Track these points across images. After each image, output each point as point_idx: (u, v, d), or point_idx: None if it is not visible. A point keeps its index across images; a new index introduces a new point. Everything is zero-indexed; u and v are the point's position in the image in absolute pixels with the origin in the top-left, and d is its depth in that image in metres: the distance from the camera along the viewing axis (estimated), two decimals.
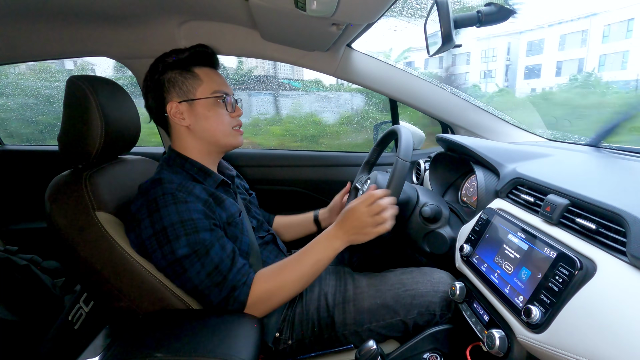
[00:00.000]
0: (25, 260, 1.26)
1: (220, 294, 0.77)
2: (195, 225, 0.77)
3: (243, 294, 0.78)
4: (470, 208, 1.06)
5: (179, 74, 0.88)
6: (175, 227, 0.75)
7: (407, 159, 0.82)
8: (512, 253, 0.67)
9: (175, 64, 0.88)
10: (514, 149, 0.99)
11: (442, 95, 1.32)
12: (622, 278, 0.48)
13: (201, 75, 0.89)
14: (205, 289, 0.77)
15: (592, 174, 0.76)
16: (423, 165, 1.33)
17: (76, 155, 0.82)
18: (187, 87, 0.87)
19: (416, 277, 0.92)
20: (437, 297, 0.86)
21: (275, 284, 0.80)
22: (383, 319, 0.87)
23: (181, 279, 0.77)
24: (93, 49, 1.21)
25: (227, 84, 0.93)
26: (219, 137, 0.91)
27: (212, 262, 0.77)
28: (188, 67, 0.88)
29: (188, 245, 0.75)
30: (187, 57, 0.88)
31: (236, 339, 0.67)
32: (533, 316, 0.55)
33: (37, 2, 0.96)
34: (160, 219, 0.76)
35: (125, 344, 0.67)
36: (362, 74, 1.29)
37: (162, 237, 0.75)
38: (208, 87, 0.89)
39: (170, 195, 0.77)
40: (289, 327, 0.89)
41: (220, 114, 0.90)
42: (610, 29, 3.33)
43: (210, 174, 0.90)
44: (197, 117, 0.88)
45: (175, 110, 0.87)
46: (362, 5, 0.77)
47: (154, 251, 0.77)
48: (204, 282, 0.76)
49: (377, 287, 0.91)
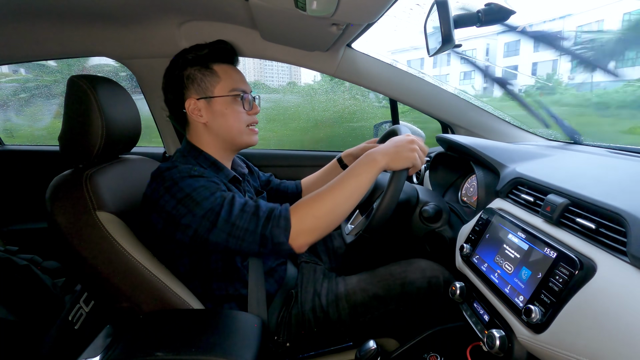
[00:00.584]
0: (25, 260, 1.26)
1: (259, 220, 0.73)
2: (216, 186, 0.78)
3: (284, 210, 0.74)
4: (470, 208, 1.06)
5: (197, 71, 0.88)
6: (199, 191, 0.75)
7: None
8: (512, 253, 0.67)
9: (195, 60, 0.88)
10: (514, 148, 0.99)
11: (442, 95, 1.32)
12: (622, 278, 0.48)
13: (220, 73, 0.89)
14: (244, 222, 0.73)
15: (592, 173, 0.76)
16: (423, 165, 1.33)
17: (77, 155, 0.83)
18: (206, 84, 0.88)
19: (404, 266, 0.93)
20: (425, 282, 0.88)
21: (317, 201, 0.75)
22: (377, 310, 0.88)
23: (217, 225, 0.73)
24: (93, 49, 1.21)
25: (245, 81, 0.94)
26: (235, 135, 0.91)
27: (240, 202, 0.76)
28: (207, 63, 0.89)
29: (214, 198, 0.75)
30: (207, 54, 0.89)
31: (238, 339, 0.67)
32: (533, 316, 0.55)
33: (37, 2, 0.96)
34: (182, 190, 0.75)
35: (125, 343, 0.67)
36: (362, 74, 1.29)
37: (188, 201, 0.74)
38: (226, 84, 0.89)
39: (185, 173, 0.78)
40: (285, 329, 0.89)
41: (238, 112, 0.90)
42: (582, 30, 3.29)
43: (222, 168, 0.91)
44: (215, 114, 0.88)
45: (193, 107, 0.88)
46: (362, 5, 0.77)
47: (184, 215, 0.74)
48: (239, 216, 0.73)
49: (367, 281, 0.92)
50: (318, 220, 0.74)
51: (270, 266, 0.98)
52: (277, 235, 0.72)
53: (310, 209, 0.74)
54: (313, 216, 0.74)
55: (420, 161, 0.80)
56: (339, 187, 0.76)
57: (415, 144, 0.81)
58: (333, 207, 0.75)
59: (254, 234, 0.73)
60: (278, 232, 0.72)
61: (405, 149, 0.79)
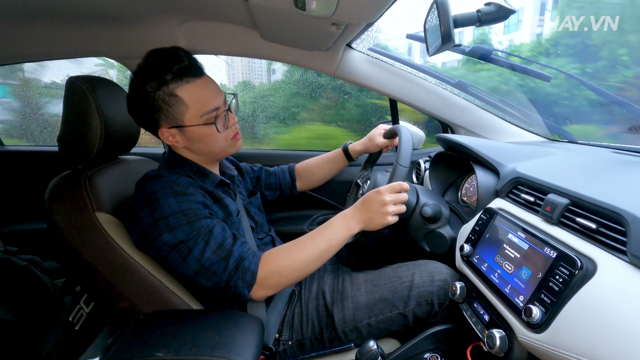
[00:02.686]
0: (25, 260, 1.26)
1: (227, 268, 0.75)
2: (196, 213, 0.76)
3: (253, 264, 0.76)
4: (470, 208, 1.06)
5: (161, 100, 0.78)
6: (176, 216, 0.75)
7: (406, 165, 0.83)
8: (513, 253, 0.67)
9: (156, 85, 0.77)
10: (513, 148, 0.99)
11: (442, 95, 1.32)
12: (623, 278, 0.48)
13: (185, 99, 0.78)
14: (213, 265, 0.75)
15: (592, 173, 0.76)
16: (423, 165, 1.33)
17: (76, 155, 0.82)
18: (173, 113, 0.79)
19: (412, 269, 0.92)
20: (433, 287, 0.87)
21: (286, 260, 0.77)
22: (382, 312, 0.87)
23: (187, 261, 0.75)
24: (93, 49, 1.21)
25: (216, 94, 0.83)
26: (217, 152, 0.88)
27: (216, 240, 0.76)
28: (169, 88, 0.77)
29: (191, 230, 0.75)
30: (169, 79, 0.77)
31: (237, 339, 0.67)
32: (533, 316, 0.55)
33: (37, 2, 0.96)
34: (161, 208, 0.75)
35: (125, 344, 0.67)
36: (362, 73, 1.29)
37: (163, 224, 0.74)
38: (195, 111, 0.79)
39: (169, 188, 0.77)
40: (288, 328, 0.89)
41: (215, 135, 0.83)
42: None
43: (209, 174, 0.89)
44: (192, 140, 0.83)
45: (167, 134, 0.82)
46: (362, 5, 0.76)
47: (156, 237, 0.74)
48: (210, 258, 0.75)
49: (374, 282, 0.91)
50: (283, 279, 0.77)
51: None
52: (240, 287, 0.75)
53: (278, 268, 0.77)
54: (279, 274, 0.77)
55: (395, 216, 0.80)
56: (310, 249, 0.78)
57: (386, 201, 0.79)
58: (301, 267, 0.78)
59: (219, 280, 0.75)
60: (242, 284, 0.75)
61: (377, 214, 0.79)
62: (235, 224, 0.88)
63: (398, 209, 0.80)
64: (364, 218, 0.80)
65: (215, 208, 0.84)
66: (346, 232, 0.80)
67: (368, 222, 0.80)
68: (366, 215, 0.80)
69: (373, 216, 0.79)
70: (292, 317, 0.90)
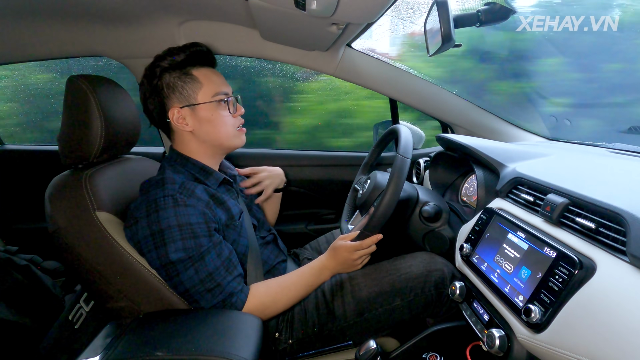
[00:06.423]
0: (25, 260, 1.26)
1: (213, 300, 0.78)
2: (192, 230, 0.77)
3: (240, 302, 0.80)
4: (470, 207, 1.06)
5: (177, 78, 0.85)
6: (172, 231, 0.75)
7: (408, 156, 0.82)
8: (512, 252, 0.67)
9: (172, 67, 0.85)
10: (513, 148, 0.99)
11: (442, 95, 1.32)
12: (622, 278, 0.48)
13: (200, 78, 0.86)
14: (196, 294, 0.77)
15: (592, 173, 0.76)
16: (423, 164, 1.33)
17: (76, 155, 0.82)
18: (188, 91, 0.85)
19: (409, 261, 0.93)
20: (431, 277, 0.88)
21: (271, 300, 0.84)
22: (381, 305, 0.88)
23: (173, 281, 0.78)
24: (93, 49, 1.21)
25: (226, 83, 0.91)
26: (223, 140, 0.90)
27: (207, 269, 0.77)
28: (186, 69, 0.85)
29: (183, 249, 0.75)
30: (184, 59, 0.85)
31: (237, 338, 0.67)
32: (533, 316, 0.55)
33: (37, 2, 0.96)
34: (158, 221, 0.75)
35: (125, 343, 0.67)
36: (362, 73, 1.29)
37: (158, 238, 0.76)
38: (209, 89, 0.86)
39: (170, 198, 0.77)
40: (288, 327, 0.89)
41: (223, 117, 0.88)
42: None
43: (212, 172, 0.90)
44: (201, 122, 0.86)
45: (177, 116, 0.85)
46: (362, 5, 0.76)
47: (148, 251, 0.77)
48: (196, 287, 0.77)
49: (372, 276, 0.92)
50: (263, 314, 0.82)
51: (270, 265, 0.98)
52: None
53: (263, 306, 0.83)
54: (262, 312, 0.82)
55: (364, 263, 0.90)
56: (294, 293, 0.86)
57: (357, 253, 0.86)
58: (281, 308, 0.86)
59: (205, 305, 0.79)
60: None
61: (347, 266, 0.88)
62: (237, 227, 0.89)
63: (367, 259, 0.90)
64: (339, 269, 0.89)
65: (219, 213, 0.85)
66: (322, 279, 0.89)
67: (341, 270, 0.90)
68: (341, 267, 0.89)
69: (345, 267, 0.89)
70: (292, 316, 0.90)
